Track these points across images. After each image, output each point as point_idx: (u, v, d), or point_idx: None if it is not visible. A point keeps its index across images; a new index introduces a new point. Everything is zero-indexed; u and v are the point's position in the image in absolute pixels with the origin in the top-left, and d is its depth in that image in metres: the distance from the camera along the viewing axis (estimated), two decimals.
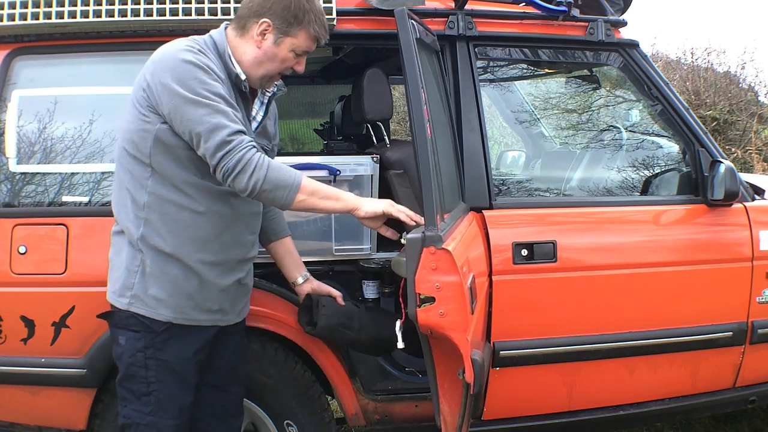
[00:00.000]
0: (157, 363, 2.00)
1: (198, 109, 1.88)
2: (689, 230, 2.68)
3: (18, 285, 2.27)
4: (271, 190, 1.91)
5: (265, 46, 2.03)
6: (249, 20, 2.02)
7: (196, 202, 1.99)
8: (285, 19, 2.01)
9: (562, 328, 2.52)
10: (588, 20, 2.66)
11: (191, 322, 2.03)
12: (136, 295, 1.99)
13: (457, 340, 1.89)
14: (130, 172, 2.00)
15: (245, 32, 2.04)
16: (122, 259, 2.02)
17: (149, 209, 1.98)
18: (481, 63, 2.69)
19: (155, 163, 1.96)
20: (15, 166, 2.35)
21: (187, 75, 1.90)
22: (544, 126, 3.82)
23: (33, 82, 2.40)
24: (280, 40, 2.03)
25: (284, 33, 2.02)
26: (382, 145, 2.89)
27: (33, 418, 2.39)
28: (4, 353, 2.28)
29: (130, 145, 1.98)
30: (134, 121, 1.97)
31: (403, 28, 1.99)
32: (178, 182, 1.98)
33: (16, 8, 2.30)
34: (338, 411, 2.72)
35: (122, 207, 2.02)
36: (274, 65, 2.06)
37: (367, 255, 2.78)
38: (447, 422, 2.11)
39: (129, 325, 2.00)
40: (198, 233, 2.01)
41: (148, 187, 1.98)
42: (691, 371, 2.68)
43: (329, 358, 2.48)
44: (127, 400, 2.03)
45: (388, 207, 2.06)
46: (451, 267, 1.89)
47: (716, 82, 8.24)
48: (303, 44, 2.06)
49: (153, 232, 1.98)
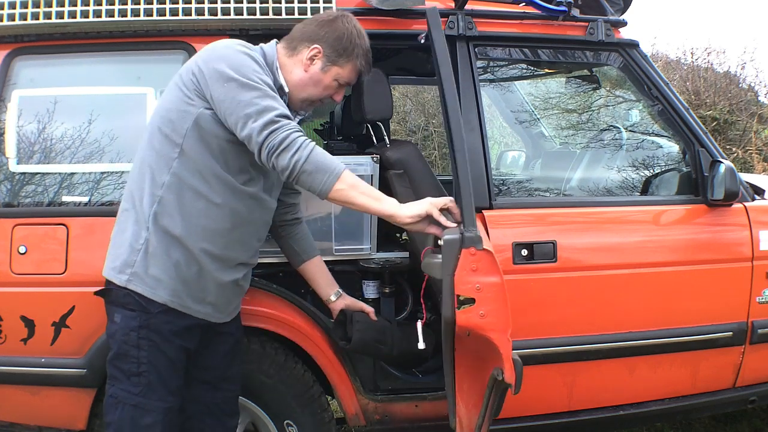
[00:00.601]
0: (150, 344, 2.01)
1: (250, 92, 1.93)
2: (689, 230, 2.68)
3: (18, 285, 2.27)
4: (312, 171, 1.90)
5: (312, 71, 2.12)
6: (301, 43, 2.12)
7: (215, 193, 2.02)
8: (335, 49, 2.11)
9: (562, 328, 2.52)
10: (588, 20, 2.66)
11: (185, 309, 2.05)
12: (136, 273, 2.00)
13: (498, 341, 1.89)
14: (157, 151, 2.02)
15: (295, 54, 2.12)
16: (126, 237, 2.03)
17: (167, 189, 2.00)
18: (481, 63, 2.69)
19: (186, 145, 1.99)
20: (15, 166, 2.36)
21: (242, 63, 1.97)
22: (544, 126, 3.82)
23: (33, 82, 2.40)
24: (328, 68, 2.12)
25: (332, 62, 2.12)
26: (382, 145, 2.89)
27: (33, 418, 2.39)
28: (4, 353, 2.28)
29: (165, 124, 2.01)
30: (176, 102, 2.01)
31: (435, 27, 2.01)
32: (203, 169, 2.01)
33: (16, 8, 2.31)
34: (338, 411, 2.72)
35: (139, 184, 2.04)
36: (316, 90, 2.14)
37: (367, 255, 2.78)
38: (463, 424, 2.11)
39: (126, 303, 2.01)
40: (209, 224, 2.03)
41: (172, 167, 2.00)
42: (691, 371, 2.68)
43: (329, 358, 2.48)
44: (116, 379, 2.03)
45: (430, 208, 2.00)
46: (492, 268, 1.89)
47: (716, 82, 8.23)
48: (347, 75, 2.16)
49: (165, 212, 2.00)
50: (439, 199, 2.05)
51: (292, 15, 2.38)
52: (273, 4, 2.38)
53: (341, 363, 2.48)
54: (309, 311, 2.46)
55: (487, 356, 1.97)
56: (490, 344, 1.91)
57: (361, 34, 2.15)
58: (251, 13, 2.37)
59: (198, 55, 2.06)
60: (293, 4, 2.39)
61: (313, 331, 2.46)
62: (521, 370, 1.92)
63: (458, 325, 1.91)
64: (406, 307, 2.83)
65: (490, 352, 1.94)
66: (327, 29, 2.11)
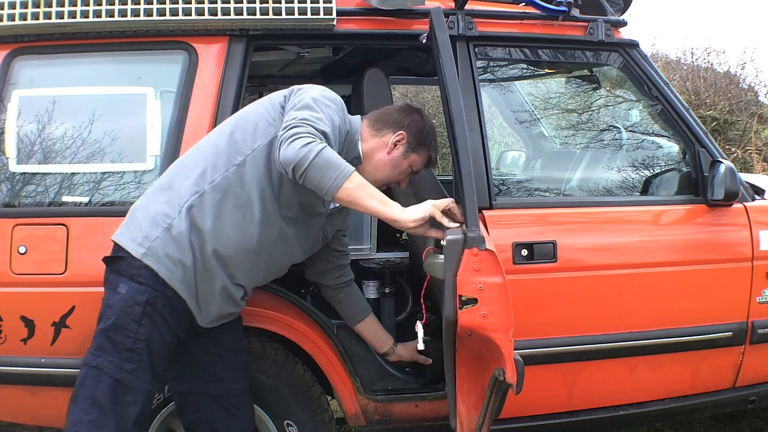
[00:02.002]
0: (151, 322, 2.00)
1: (314, 113, 1.98)
2: (689, 230, 2.68)
3: (18, 285, 2.27)
4: (321, 167, 1.89)
5: (395, 155, 2.22)
6: (386, 127, 2.22)
7: (256, 212, 2.05)
8: (417, 138, 2.23)
9: (562, 328, 2.52)
10: (588, 20, 2.67)
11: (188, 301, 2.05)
12: (154, 248, 2.00)
13: (500, 341, 1.89)
14: (220, 151, 2.06)
15: (379, 136, 2.22)
16: (151, 211, 2.04)
17: (214, 188, 2.03)
18: (481, 63, 2.69)
19: (251, 159, 2.04)
20: (15, 166, 2.36)
21: (329, 106, 2.06)
22: (544, 126, 3.82)
23: (33, 82, 2.40)
24: (408, 154, 2.23)
25: (413, 149, 2.23)
26: None
27: (33, 418, 2.39)
28: (4, 353, 2.28)
29: (240, 133, 2.07)
30: (259, 117, 2.09)
31: (439, 27, 2.01)
32: (255, 187, 2.04)
33: (16, 8, 2.31)
34: (338, 411, 2.72)
35: (187, 170, 2.07)
36: (393, 174, 2.25)
37: (367, 255, 2.78)
38: (463, 424, 2.11)
39: (137, 275, 2.00)
40: (235, 236, 2.05)
41: (229, 171, 2.04)
42: (691, 371, 2.68)
43: (329, 358, 2.48)
44: (104, 350, 1.99)
45: (432, 210, 2.03)
46: (495, 268, 1.89)
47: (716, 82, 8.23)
48: (420, 164, 2.28)
49: (202, 206, 2.03)
50: (440, 201, 2.05)
51: (292, 15, 2.38)
52: (273, 4, 2.38)
53: (341, 363, 2.48)
54: (309, 311, 2.46)
55: (488, 356, 1.97)
56: (491, 344, 1.90)
57: (434, 128, 2.30)
58: (251, 13, 2.37)
59: (298, 86, 2.14)
60: (293, 4, 2.39)
61: (313, 331, 2.46)
62: (523, 370, 1.92)
63: (460, 325, 1.91)
64: (406, 307, 2.84)
65: (492, 352, 1.94)
66: (411, 119, 2.23)
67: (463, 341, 2.00)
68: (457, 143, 2.00)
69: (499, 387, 1.95)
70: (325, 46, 3.01)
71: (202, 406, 2.23)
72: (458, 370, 2.07)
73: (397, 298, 2.81)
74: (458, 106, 2.02)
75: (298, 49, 3.00)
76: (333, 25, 2.44)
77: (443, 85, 2.09)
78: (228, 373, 2.24)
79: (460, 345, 2.02)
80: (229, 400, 2.24)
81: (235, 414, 2.25)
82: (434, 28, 2.05)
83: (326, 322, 2.47)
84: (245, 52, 2.42)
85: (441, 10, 2.04)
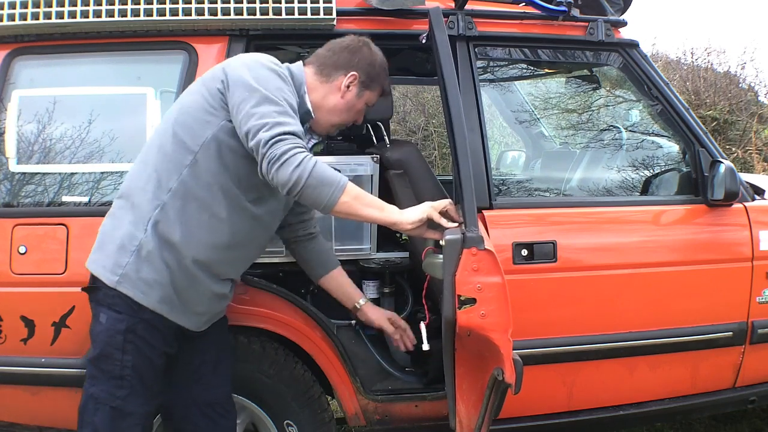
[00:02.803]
0: (135, 348, 1.98)
1: (270, 106, 1.90)
2: (689, 230, 2.67)
3: (18, 285, 2.27)
4: (316, 186, 1.87)
5: (348, 97, 2.14)
6: (335, 71, 2.13)
7: (220, 207, 2.00)
8: (369, 75, 2.15)
9: (562, 328, 2.52)
10: (588, 20, 2.67)
11: (171, 316, 2.02)
12: (127, 274, 1.97)
13: (499, 341, 1.88)
14: (168, 156, 1.99)
15: (329, 81, 2.13)
16: (119, 235, 1.99)
17: (173, 196, 1.98)
18: (481, 63, 2.69)
19: (201, 155, 1.97)
20: (15, 166, 2.36)
21: (268, 78, 1.96)
22: (544, 126, 3.82)
23: (33, 82, 2.40)
24: (362, 93, 2.16)
25: (366, 87, 2.16)
26: (382, 145, 2.89)
27: (33, 418, 2.39)
28: (4, 353, 2.28)
29: (183, 129, 1.99)
30: (197, 109, 1.99)
31: (438, 27, 2.01)
32: (213, 182, 1.98)
33: (16, 8, 2.31)
34: (338, 411, 2.72)
35: (141, 185, 2.00)
36: (349, 115, 2.18)
37: (367, 255, 2.78)
38: (463, 424, 2.11)
39: (113, 304, 1.98)
40: (209, 237, 2.01)
41: (182, 174, 1.98)
42: (691, 371, 2.68)
43: (329, 358, 2.48)
44: (96, 378, 2.00)
45: (431, 212, 2.00)
46: (493, 268, 1.89)
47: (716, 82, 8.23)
48: (375, 98, 2.21)
49: (167, 219, 1.97)
50: (438, 203, 2.04)
51: (292, 15, 2.38)
52: (273, 4, 2.38)
53: (341, 363, 2.48)
54: (309, 311, 2.46)
55: (487, 356, 1.97)
56: (490, 344, 1.90)
57: (383, 57, 2.21)
58: (251, 13, 2.37)
59: (225, 63, 2.03)
60: (293, 4, 2.39)
61: (313, 331, 2.45)
62: (521, 370, 1.92)
63: (459, 325, 1.91)
64: (406, 307, 2.84)
65: (491, 352, 1.94)
66: (360, 56, 2.15)
67: (463, 341, 2.00)
68: (456, 143, 2.00)
69: (498, 387, 1.95)
70: None
71: (190, 416, 2.21)
72: (458, 370, 2.07)
73: (397, 298, 2.81)
74: (457, 107, 2.02)
75: (298, 49, 3.00)
76: (333, 25, 2.44)
77: (443, 86, 2.09)
78: (218, 380, 2.24)
79: (459, 345, 2.02)
80: (214, 408, 2.23)
81: (223, 416, 2.24)
82: (433, 28, 2.05)
83: (326, 322, 2.47)
84: (245, 52, 2.42)
85: (440, 10, 2.03)
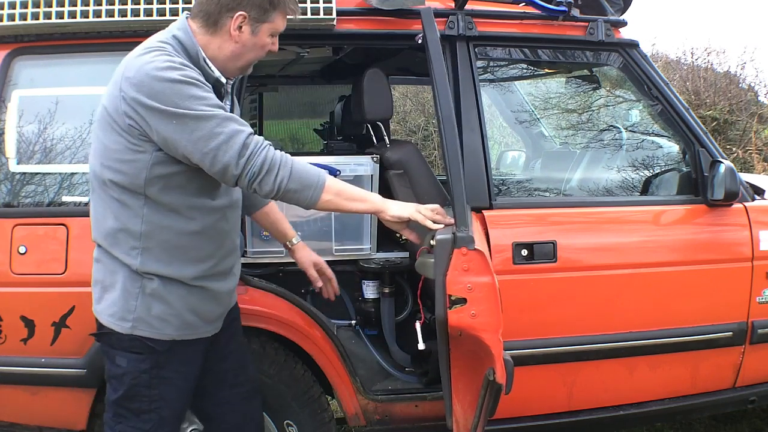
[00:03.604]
0: (161, 381, 1.94)
1: (206, 124, 1.78)
2: (689, 230, 2.68)
3: (18, 285, 2.27)
4: (297, 190, 1.85)
5: (244, 39, 1.93)
6: (221, 16, 1.91)
7: (195, 222, 1.92)
8: (261, 7, 1.92)
9: (562, 328, 2.52)
10: (588, 20, 2.66)
11: (194, 336, 1.99)
12: (140, 317, 1.89)
13: (489, 341, 1.88)
14: (120, 202, 1.88)
15: (217, 28, 1.92)
16: (117, 280, 1.91)
17: (146, 238, 1.88)
18: (481, 63, 2.69)
19: (151, 192, 1.86)
20: (15, 166, 2.36)
21: (179, 93, 1.78)
22: (544, 126, 3.82)
23: (33, 82, 2.40)
24: (258, 28, 1.94)
25: (261, 21, 1.93)
26: (382, 145, 2.89)
27: (33, 418, 2.39)
28: (4, 353, 2.28)
29: (117, 175, 1.85)
30: (120, 150, 1.84)
31: (429, 27, 2.00)
32: (176, 206, 1.89)
33: (16, 8, 2.30)
34: (338, 411, 2.72)
35: (112, 238, 1.90)
36: (254, 54, 1.98)
37: (367, 255, 2.78)
38: (459, 423, 2.11)
39: (131, 347, 1.92)
40: (199, 253, 1.95)
41: (143, 216, 1.87)
42: (691, 371, 2.68)
43: (329, 358, 2.48)
44: (123, 417, 1.95)
45: (414, 213, 1.99)
46: (483, 268, 1.89)
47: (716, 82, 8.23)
48: (280, 25, 1.99)
49: (152, 259, 1.89)
50: (424, 207, 2.02)
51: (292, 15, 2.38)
52: None
53: (341, 363, 2.48)
54: (309, 311, 2.46)
55: (482, 356, 1.97)
56: (481, 344, 1.91)
57: None
58: None
59: (122, 92, 1.81)
60: None
61: (313, 331, 2.45)
62: (512, 370, 1.92)
63: (450, 324, 1.91)
64: (406, 306, 2.84)
65: (484, 352, 1.94)
66: None
67: (457, 341, 2.00)
68: (446, 142, 1.98)
69: (492, 387, 1.95)
70: (325, 46, 3.00)
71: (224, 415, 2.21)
72: (453, 370, 2.07)
73: (397, 298, 2.81)
74: (448, 106, 2.01)
75: (298, 49, 3.00)
76: (333, 25, 2.44)
77: (434, 86, 2.07)
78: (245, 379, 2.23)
79: (453, 345, 2.02)
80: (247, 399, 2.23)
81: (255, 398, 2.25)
82: (425, 28, 2.04)
83: (326, 322, 2.47)
84: None
85: (431, 10, 2.02)
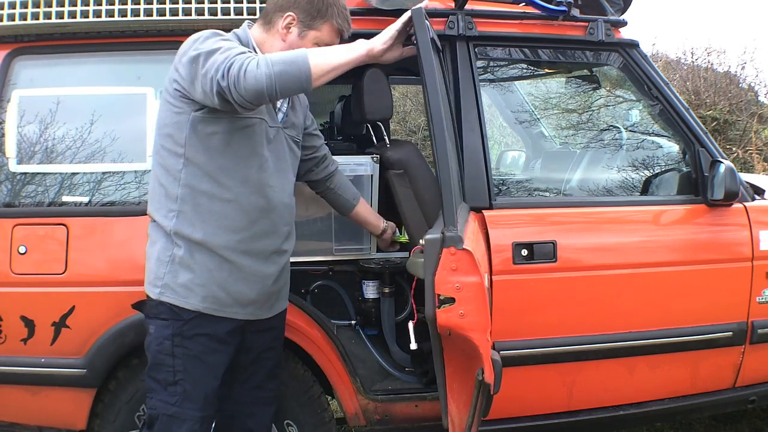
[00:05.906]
0: (184, 351, 1.99)
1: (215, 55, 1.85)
2: (689, 230, 2.68)
3: (18, 285, 2.27)
4: (284, 70, 1.82)
5: (290, 39, 2.07)
6: (275, 15, 2.08)
7: (228, 191, 1.99)
8: (309, 13, 2.07)
9: (562, 328, 2.52)
10: (588, 20, 2.66)
11: (221, 313, 2.02)
12: (167, 284, 1.99)
13: (477, 341, 1.88)
14: (165, 168, 2.01)
15: (271, 27, 2.08)
16: (155, 250, 2.02)
17: (182, 201, 1.99)
18: (481, 63, 2.69)
19: (189, 153, 1.97)
20: (15, 166, 2.36)
21: (207, 40, 1.91)
22: (544, 126, 3.82)
23: (33, 82, 2.40)
24: (305, 33, 2.08)
25: (308, 26, 2.07)
26: (382, 145, 2.89)
27: (33, 418, 2.39)
28: (4, 353, 2.28)
29: (165, 139, 2.01)
30: (168, 115, 2.00)
31: (420, 28, 2.00)
32: (211, 171, 1.98)
33: (16, 8, 2.31)
34: (338, 411, 2.72)
35: (157, 201, 2.03)
36: None
37: (366, 255, 2.78)
38: (455, 423, 2.11)
39: (158, 313, 2.00)
40: (231, 223, 2.00)
41: (181, 179, 1.98)
42: (691, 371, 2.68)
43: (329, 358, 2.48)
44: (154, 390, 2.02)
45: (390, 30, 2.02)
46: (471, 267, 1.89)
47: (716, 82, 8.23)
48: (327, 37, 2.10)
49: (185, 222, 1.99)
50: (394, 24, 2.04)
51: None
52: None
53: (341, 363, 2.48)
54: (309, 311, 2.46)
55: (474, 356, 1.97)
56: (470, 344, 1.91)
57: None
58: (251, 13, 2.37)
59: (174, 63, 1.99)
60: None
61: (312, 331, 2.46)
62: (500, 370, 1.93)
63: (439, 324, 1.91)
64: (406, 307, 2.84)
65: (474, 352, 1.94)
66: None
67: (451, 341, 2.00)
68: (436, 143, 1.98)
69: (484, 387, 1.95)
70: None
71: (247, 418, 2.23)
72: (447, 369, 2.07)
73: (397, 298, 2.81)
74: (437, 106, 1.99)
75: None
76: None
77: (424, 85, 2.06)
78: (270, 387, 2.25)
79: (447, 345, 2.02)
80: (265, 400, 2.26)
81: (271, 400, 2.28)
82: (415, 28, 2.04)
83: (326, 322, 2.47)
84: None
85: (422, 10, 2.02)
